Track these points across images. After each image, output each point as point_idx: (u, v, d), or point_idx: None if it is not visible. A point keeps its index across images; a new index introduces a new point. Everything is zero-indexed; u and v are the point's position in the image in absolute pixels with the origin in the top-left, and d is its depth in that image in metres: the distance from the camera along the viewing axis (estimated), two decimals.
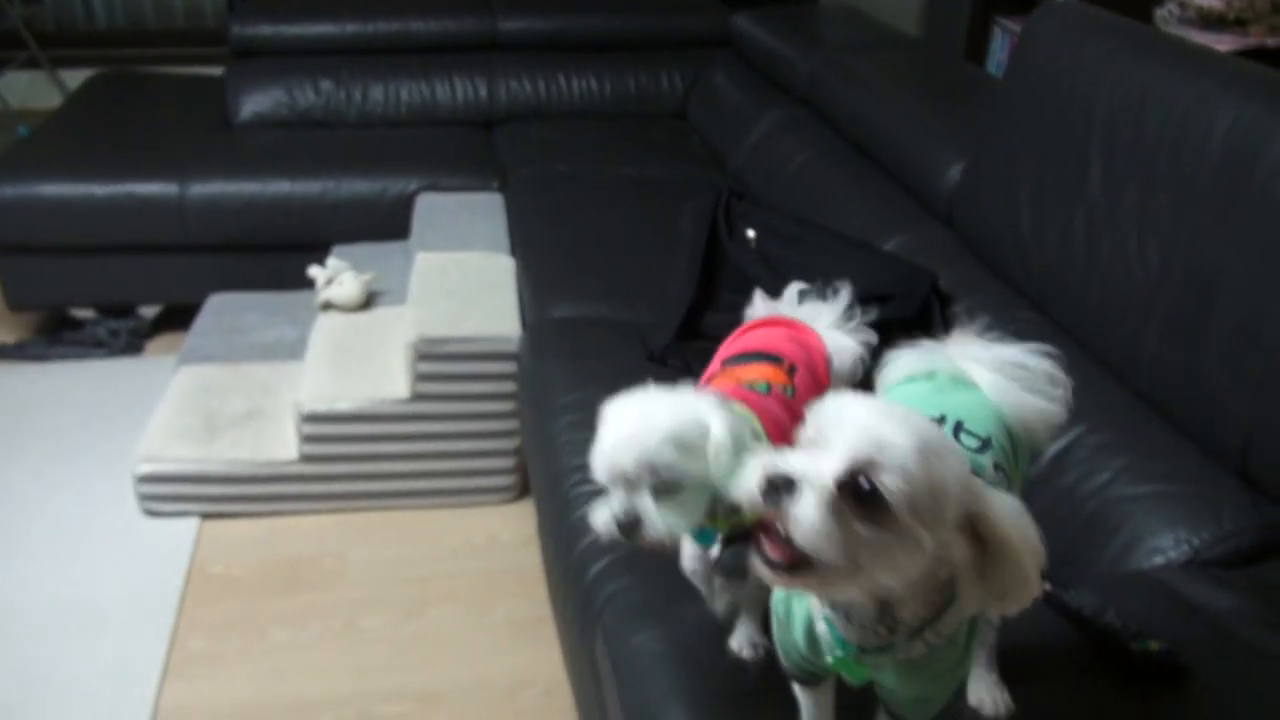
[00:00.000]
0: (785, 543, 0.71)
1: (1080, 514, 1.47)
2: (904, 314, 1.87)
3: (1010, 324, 1.82)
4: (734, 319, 1.95)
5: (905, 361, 1.03)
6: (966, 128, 2.23)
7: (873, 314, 1.46)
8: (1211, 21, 2.72)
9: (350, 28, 3.34)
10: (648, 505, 0.94)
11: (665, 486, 0.93)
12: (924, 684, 0.84)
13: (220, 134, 3.14)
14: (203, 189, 2.80)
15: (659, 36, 3.55)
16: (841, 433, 0.72)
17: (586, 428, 1.72)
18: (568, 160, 3.00)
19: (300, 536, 2.21)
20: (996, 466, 0.92)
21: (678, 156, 3.13)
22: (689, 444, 0.94)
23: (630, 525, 0.94)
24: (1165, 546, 1.36)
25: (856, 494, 0.70)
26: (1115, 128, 1.63)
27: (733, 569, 1.05)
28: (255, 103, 3.21)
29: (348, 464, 2.22)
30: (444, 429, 2.22)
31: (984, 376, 0.99)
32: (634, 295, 2.20)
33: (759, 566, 0.73)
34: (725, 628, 1.13)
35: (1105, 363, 1.64)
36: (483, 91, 3.36)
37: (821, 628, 0.83)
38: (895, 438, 0.71)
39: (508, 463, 2.29)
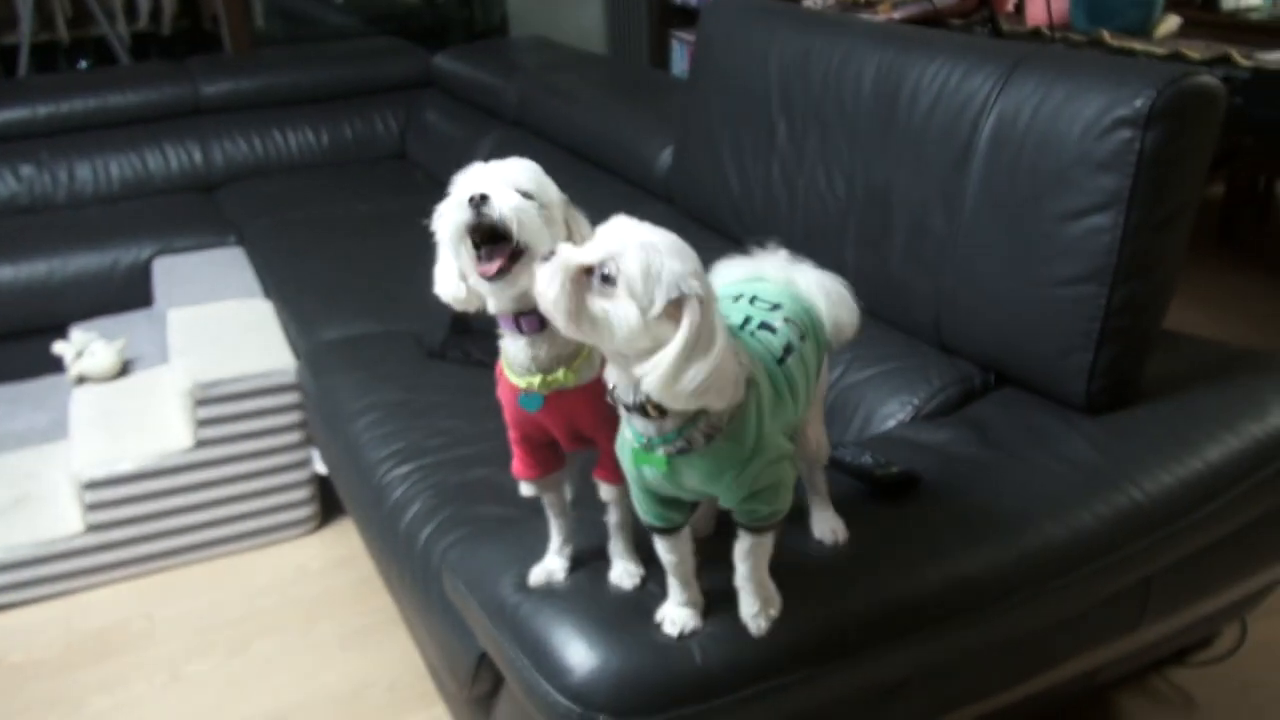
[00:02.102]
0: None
1: (825, 404, 1.75)
2: None
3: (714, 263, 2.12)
4: None
5: (734, 267, 1.24)
6: (667, 119, 2.52)
7: None
8: (847, 6, 3.19)
9: (42, 110, 3.24)
10: (500, 188, 1.07)
11: (523, 195, 1.08)
12: (721, 476, 1.02)
13: None
14: None
15: (365, 84, 3.66)
16: (606, 238, 0.96)
17: (386, 423, 1.86)
18: (300, 207, 3.07)
19: (100, 608, 2.16)
20: (787, 320, 1.14)
21: (406, 190, 3.26)
22: (548, 185, 1.13)
23: (481, 198, 1.05)
24: (894, 411, 1.65)
25: (603, 276, 0.94)
26: (788, 89, 1.95)
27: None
28: None
29: (138, 525, 2.19)
30: (234, 471, 2.24)
31: (806, 278, 1.21)
32: (396, 308, 2.32)
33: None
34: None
35: None
36: (197, 156, 3.35)
37: (627, 434, 1.04)
38: (629, 241, 0.95)
39: (304, 493, 2.33)
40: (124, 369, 2.50)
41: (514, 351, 1.16)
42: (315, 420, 2.16)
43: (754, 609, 1.12)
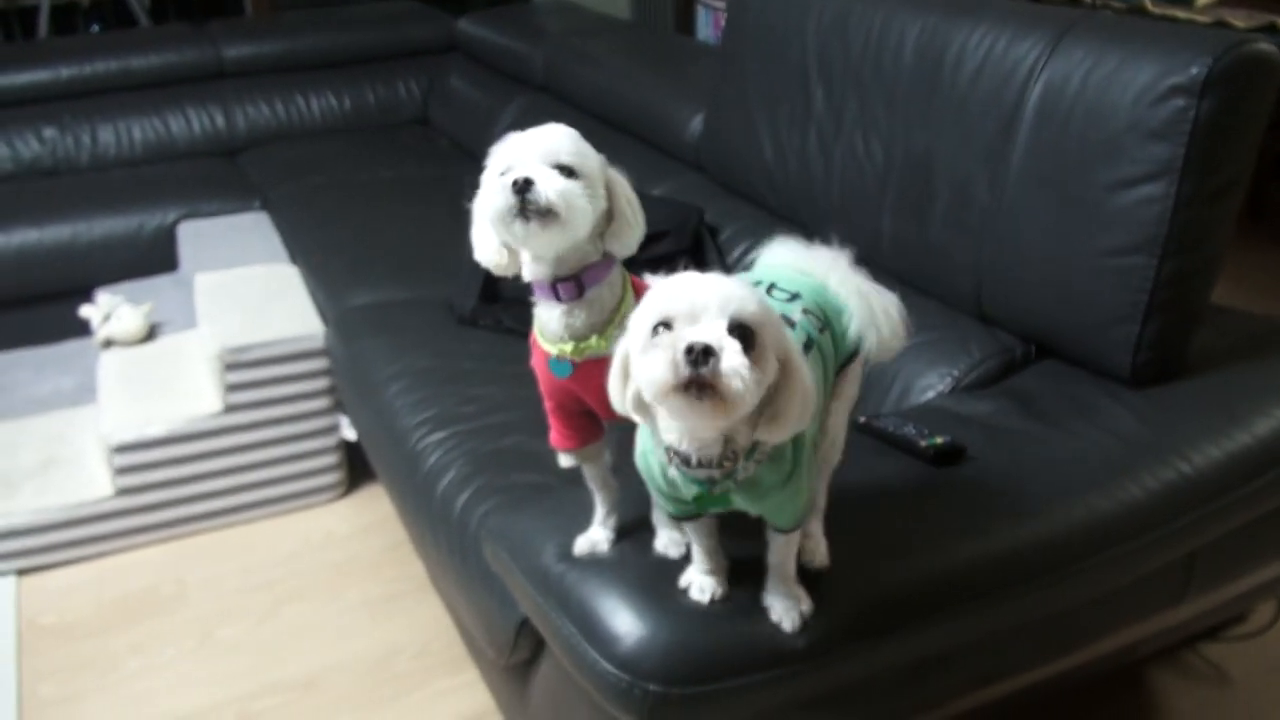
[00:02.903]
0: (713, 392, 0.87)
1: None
2: (680, 246, 2.09)
3: (770, 239, 2.09)
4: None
5: (785, 251, 1.20)
6: (697, 85, 2.48)
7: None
8: None
9: (65, 72, 3.21)
10: (545, 171, 1.03)
11: (564, 170, 1.04)
12: (768, 496, 1.01)
13: None
14: None
15: (388, 49, 3.62)
16: (704, 304, 0.89)
17: (417, 390, 1.85)
18: (323, 173, 3.04)
19: (131, 571, 2.17)
20: (806, 311, 1.11)
21: (430, 157, 3.23)
22: (588, 154, 1.08)
23: (525, 183, 1.02)
24: (933, 383, 1.64)
25: (745, 342, 0.88)
26: (826, 55, 1.91)
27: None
28: None
29: (168, 489, 2.20)
30: (262, 437, 2.24)
31: (851, 287, 1.16)
32: (425, 274, 2.30)
33: (702, 414, 0.89)
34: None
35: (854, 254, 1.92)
36: (220, 120, 3.33)
37: (673, 473, 1.00)
38: (743, 294, 0.91)
39: (332, 459, 2.33)
40: (151, 333, 2.50)
41: (548, 319, 1.14)
42: (345, 386, 2.15)
43: (787, 605, 1.10)
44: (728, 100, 2.21)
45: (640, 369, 0.90)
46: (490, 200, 1.06)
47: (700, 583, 1.12)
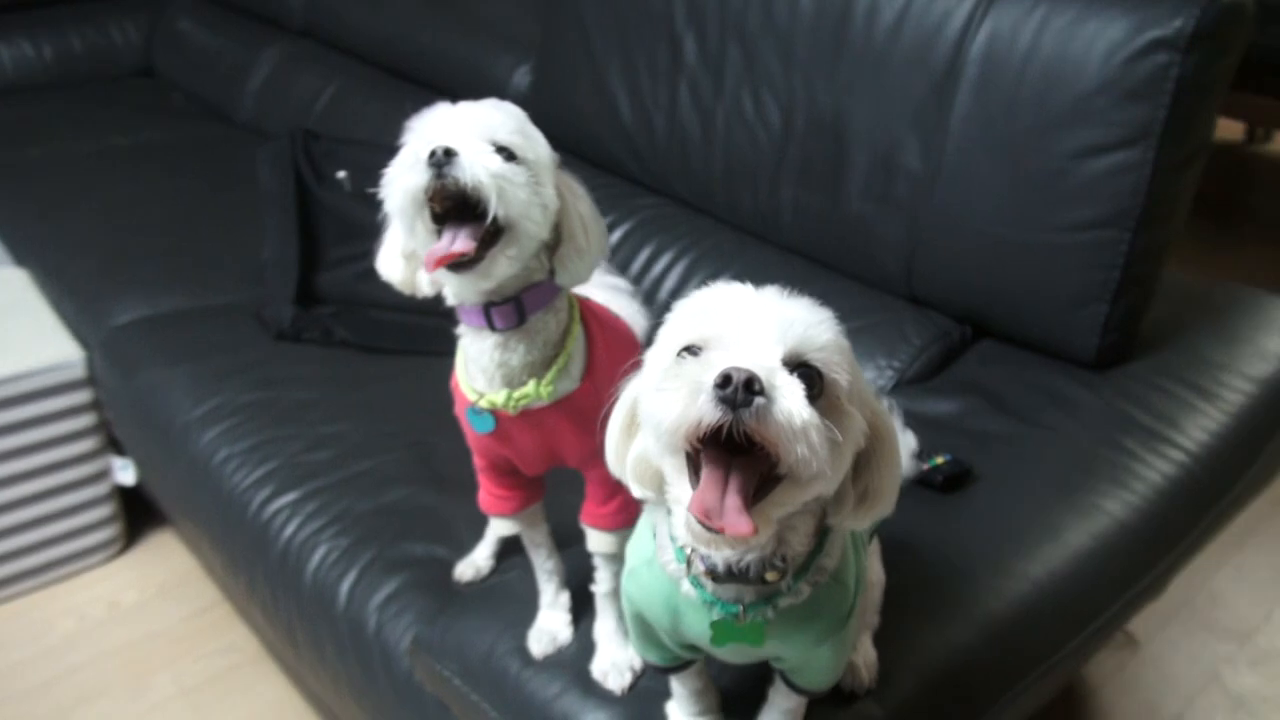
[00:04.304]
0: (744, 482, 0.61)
1: None
2: None
3: (634, 214, 1.83)
4: (349, 274, 1.74)
5: None
6: (516, 28, 2.15)
7: None
8: None
9: None
10: (475, 144, 0.81)
11: (503, 152, 0.82)
12: (811, 641, 0.75)
13: None
14: None
15: None
16: (754, 324, 0.63)
17: (246, 434, 1.46)
18: (37, 143, 2.46)
19: None
20: None
21: (166, 116, 2.70)
22: (537, 140, 0.87)
23: (445, 154, 0.79)
24: (872, 377, 1.45)
25: (809, 384, 0.62)
26: None
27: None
28: None
29: None
30: (8, 496, 1.74)
31: None
32: (207, 274, 1.87)
33: (703, 536, 0.62)
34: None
35: (744, 228, 1.70)
36: None
37: (687, 590, 0.72)
38: (810, 317, 0.65)
39: (104, 511, 1.85)
40: None
41: (476, 353, 0.90)
42: (129, 430, 1.69)
43: None
44: (564, 49, 1.91)
45: (649, 408, 0.63)
46: (398, 179, 0.81)
47: None
